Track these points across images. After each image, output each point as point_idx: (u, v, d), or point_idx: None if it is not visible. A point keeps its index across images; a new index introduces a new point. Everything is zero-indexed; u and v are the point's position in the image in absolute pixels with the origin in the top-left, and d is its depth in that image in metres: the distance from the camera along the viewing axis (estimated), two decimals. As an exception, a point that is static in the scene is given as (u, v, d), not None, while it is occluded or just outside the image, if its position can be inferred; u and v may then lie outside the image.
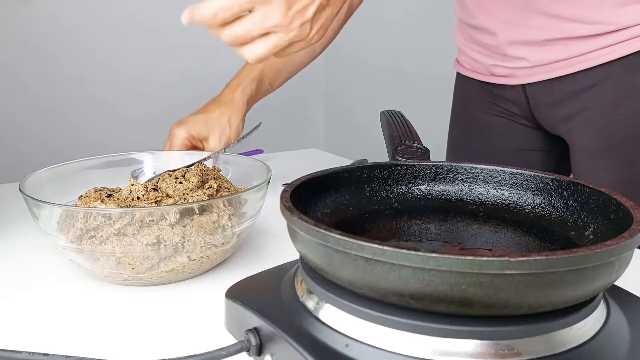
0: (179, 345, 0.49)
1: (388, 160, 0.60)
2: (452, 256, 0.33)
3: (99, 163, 0.74)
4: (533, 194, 0.52)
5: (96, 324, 0.52)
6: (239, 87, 0.88)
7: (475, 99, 0.95)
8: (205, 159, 0.73)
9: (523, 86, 0.86)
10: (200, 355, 0.41)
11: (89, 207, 0.58)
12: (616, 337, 0.39)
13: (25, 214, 0.62)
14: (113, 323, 0.52)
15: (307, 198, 0.49)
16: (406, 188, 0.56)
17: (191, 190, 0.62)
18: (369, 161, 0.61)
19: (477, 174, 0.55)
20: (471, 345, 0.36)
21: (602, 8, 0.74)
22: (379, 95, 2.01)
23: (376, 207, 0.54)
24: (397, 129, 0.66)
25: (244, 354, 0.43)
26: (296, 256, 0.48)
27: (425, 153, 0.60)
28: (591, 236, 0.46)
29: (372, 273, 0.36)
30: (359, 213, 0.53)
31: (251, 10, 0.53)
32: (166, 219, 0.56)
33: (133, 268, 0.56)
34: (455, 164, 0.56)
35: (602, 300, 0.42)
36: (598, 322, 0.40)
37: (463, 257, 0.33)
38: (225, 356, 0.42)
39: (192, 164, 0.70)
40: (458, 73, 1.00)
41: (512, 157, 0.93)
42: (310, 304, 0.42)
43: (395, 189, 0.56)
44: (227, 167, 0.76)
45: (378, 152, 1.01)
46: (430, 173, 0.56)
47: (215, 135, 0.84)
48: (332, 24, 0.60)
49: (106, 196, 0.60)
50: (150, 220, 0.55)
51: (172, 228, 0.56)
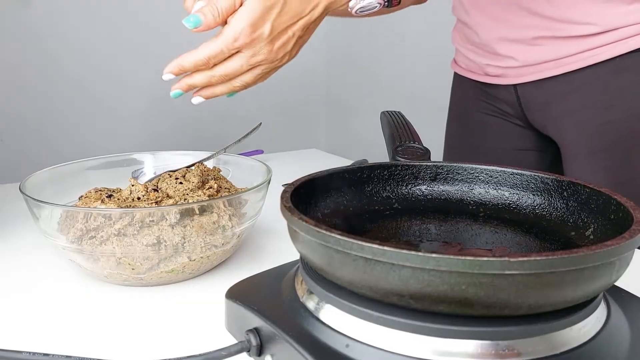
0: (179, 345, 0.49)
1: (388, 160, 0.60)
2: (452, 256, 0.33)
3: (99, 163, 0.74)
4: (533, 195, 0.52)
5: (96, 324, 0.52)
6: None
7: (471, 99, 0.96)
8: (205, 159, 0.73)
9: (514, 86, 0.87)
10: (200, 355, 0.41)
11: (89, 208, 0.58)
12: (616, 338, 0.39)
13: (25, 214, 0.62)
14: (113, 323, 0.53)
15: (308, 198, 0.49)
16: (406, 188, 0.56)
17: (191, 190, 0.62)
18: (369, 161, 0.61)
19: (477, 175, 0.55)
20: (471, 345, 0.36)
21: (590, 10, 0.75)
22: (379, 95, 2.01)
23: (376, 208, 0.54)
24: (398, 130, 0.66)
25: (245, 354, 0.43)
26: (296, 256, 0.48)
27: (425, 153, 0.60)
28: (591, 236, 0.46)
29: (372, 273, 0.36)
30: (359, 213, 0.53)
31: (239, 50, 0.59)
32: (166, 220, 0.56)
33: (133, 268, 0.56)
34: (455, 165, 0.56)
35: (603, 300, 0.42)
36: (598, 323, 0.40)
37: (463, 258, 0.33)
38: (225, 356, 0.42)
39: (193, 164, 0.70)
40: (455, 73, 1.01)
41: (507, 157, 0.94)
42: (310, 304, 0.42)
43: (395, 190, 0.56)
44: (228, 168, 0.76)
45: (378, 153, 1.01)
46: (430, 173, 0.56)
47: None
48: None
49: (106, 196, 0.60)
50: (150, 220, 0.55)
51: (173, 228, 0.56)
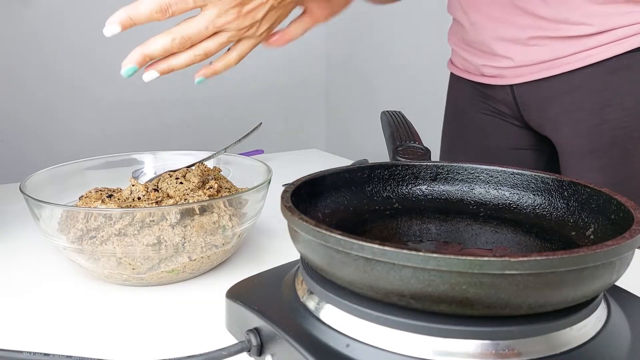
0: (180, 345, 0.49)
1: (389, 160, 0.60)
2: (453, 256, 0.33)
3: (100, 163, 0.74)
4: (534, 194, 0.52)
5: (97, 324, 0.52)
6: None
7: (467, 99, 0.97)
8: (206, 159, 0.73)
9: (511, 87, 0.87)
10: (200, 355, 0.41)
11: (90, 208, 0.58)
12: (617, 338, 0.39)
13: (25, 214, 0.62)
14: (114, 323, 0.53)
15: (308, 198, 0.49)
16: (407, 188, 0.56)
17: (192, 190, 0.62)
18: (370, 161, 0.61)
19: (478, 174, 0.55)
20: (472, 345, 0.36)
21: (586, 10, 0.75)
22: (380, 95, 2.01)
23: (377, 208, 0.54)
24: (398, 129, 0.66)
25: (245, 354, 0.43)
26: (297, 256, 0.48)
27: (425, 153, 0.60)
28: (592, 236, 0.46)
29: (373, 273, 0.36)
30: (360, 213, 0.53)
31: (202, 8, 0.54)
32: (167, 220, 0.56)
33: (134, 268, 0.56)
34: (455, 164, 0.56)
35: (603, 300, 0.42)
36: (599, 323, 0.40)
37: (463, 257, 0.33)
38: (225, 356, 0.42)
39: (193, 164, 0.70)
40: (451, 73, 1.01)
41: (504, 156, 0.94)
42: (310, 304, 0.42)
43: (395, 189, 0.56)
44: (228, 168, 0.76)
45: (379, 153, 1.01)
46: (430, 173, 0.56)
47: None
48: None
49: (107, 196, 0.60)
50: (150, 220, 0.55)
51: (173, 228, 0.56)
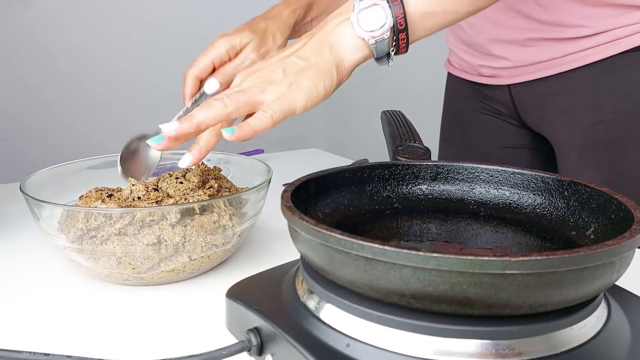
0: (180, 345, 0.49)
1: (389, 160, 0.60)
2: (453, 256, 0.33)
3: (100, 163, 0.74)
4: (534, 194, 0.52)
5: (97, 324, 0.52)
6: (289, 8, 0.79)
7: (465, 98, 0.97)
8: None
9: (508, 86, 0.88)
10: (201, 355, 0.41)
11: (90, 207, 0.58)
12: (617, 337, 0.39)
13: (26, 214, 0.62)
14: (114, 323, 0.53)
15: (308, 198, 0.49)
16: (407, 188, 0.56)
17: (192, 190, 0.62)
18: (370, 161, 0.61)
19: (478, 174, 0.55)
20: (472, 345, 0.36)
21: (582, 13, 0.76)
22: (380, 94, 2.01)
23: (377, 207, 0.54)
24: (398, 129, 0.66)
25: (245, 354, 0.43)
26: (297, 256, 0.48)
27: (426, 153, 0.60)
28: (592, 236, 0.46)
29: (373, 273, 0.36)
30: (360, 213, 0.53)
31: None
32: (167, 219, 0.56)
33: (134, 268, 0.56)
34: (456, 164, 0.56)
35: (603, 300, 0.42)
36: (599, 322, 0.40)
37: (464, 257, 0.33)
38: (226, 356, 0.42)
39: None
40: (449, 73, 1.02)
41: (501, 155, 0.95)
42: (311, 304, 0.42)
43: (396, 189, 0.56)
44: (228, 167, 0.76)
45: (379, 152, 1.01)
46: (431, 173, 0.56)
47: (254, 42, 0.72)
48: None
49: (107, 196, 0.60)
50: (151, 220, 0.55)
51: (173, 228, 0.56)
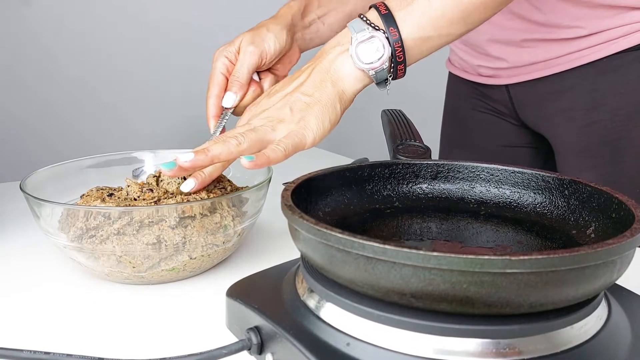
0: (180, 343, 0.49)
1: (389, 159, 0.60)
2: (454, 255, 0.33)
3: (100, 162, 0.74)
4: (534, 193, 0.52)
5: (97, 323, 0.52)
6: (286, 4, 0.79)
7: (465, 97, 0.98)
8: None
9: (506, 87, 0.88)
10: (201, 353, 0.41)
11: (90, 206, 0.58)
12: (617, 336, 0.39)
13: (26, 213, 0.62)
14: (114, 321, 0.52)
15: (308, 197, 0.49)
16: (407, 187, 0.56)
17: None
18: (370, 160, 0.61)
19: (478, 173, 0.55)
20: (472, 344, 0.36)
21: (577, 14, 0.76)
22: (380, 93, 2.01)
23: (377, 206, 0.54)
24: (398, 128, 0.66)
25: (245, 353, 0.43)
26: (297, 255, 0.48)
27: (426, 152, 0.60)
28: (592, 235, 0.46)
29: (373, 272, 0.36)
30: (360, 212, 0.53)
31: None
32: (166, 221, 0.55)
33: (134, 267, 0.56)
34: (456, 163, 0.56)
35: (604, 299, 0.42)
36: (599, 321, 0.40)
37: (464, 256, 0.33)
38: (226, 355, 0.42)
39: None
40: (450, 72, 1.02)
41: (502, 154, 0.95)
42: (311, 303, 0.42)
43: (396, 188, 0.56)
44: (228, 167, 0.76)
45: (379, 151, 1.01)
46: (431, 172, 0.56)
47: (247, 37, 0.72)
48: None
49: (107, 195, 0.60)
50: (149, 221, 0.55)
51: (173, 229, 0.56)
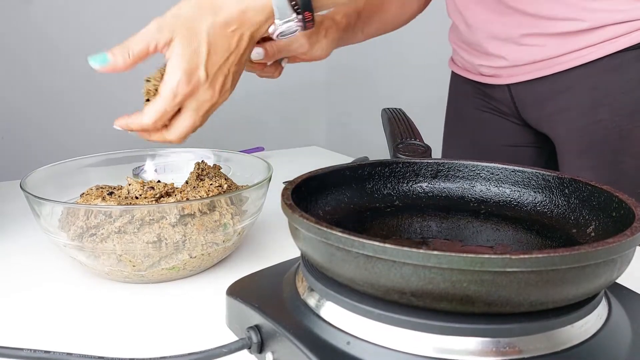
0: (180, 342, 0.49)
1: (389, 157, 0.60)
2: (454, 254, 0.33)
3: (101, 160, 0.74)
4: (534, 192, 0.52)
5: (97, 322, 0.52)
6: None
7: (468, 96, 0.98)
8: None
9: (508, 86, 0.88)
10: (201, 352, 0.41)
11: (90, 205, 0.58)
12: (618, 335, 0.39)
13: (26, 212, 0.62)
14: (114, 320, 0.53)
15: (308, 196, 0.49)
16: (407, 186, 0.56)
17: (193, 188, 0.62)
18: (370, 159, 0.60)
19: (479, 172, 0.55)
20: (472, 342, 0.36)
21: (577, 6, 0.76)
22: (380, 92, 2.01)
23: (377, 205, 0.54)
24: (399, 127, 0.66)
25: (245, 352, 0.43)
26: (297, 254, 0.48)
27: (426, 151, 0.60)
28: (593, 234, 0.46)
29: (374, 271, 0.36)
30: (360, 211, 0.53)
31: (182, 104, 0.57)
32: (167, 219, 0.56)
33: (134, 265, 0.56)
34: (456, 162, 0.56)
35: (604, 297, 0.42)
36: (600, 320, 0.40)
37: (464, 255, 0.33)
38: (226, 354, 0.42)
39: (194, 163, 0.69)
40: (452, 71, 1.02)
41: (505, 153, 0.95)
42: (311, 302, 0.42)
43: (396, 187, 0.56)
44: (229, 165, 0.76)
45: (379, 150, 1.01)
46: (431, 171, 0.56)
47: None
48: None
49: (108, 194, 0.60)
50: (150, 219, 0.55)
51: (173, 227, 0.56)
